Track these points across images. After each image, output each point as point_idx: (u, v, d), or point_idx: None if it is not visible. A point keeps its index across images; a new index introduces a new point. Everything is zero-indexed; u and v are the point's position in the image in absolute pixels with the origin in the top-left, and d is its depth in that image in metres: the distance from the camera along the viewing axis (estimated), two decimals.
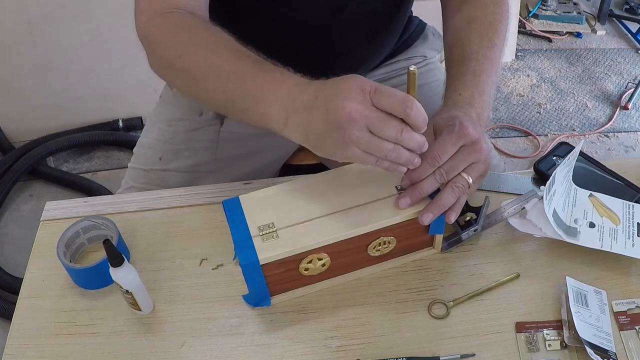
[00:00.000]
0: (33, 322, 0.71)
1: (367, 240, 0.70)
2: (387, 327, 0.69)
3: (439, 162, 0.67)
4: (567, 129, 2.15)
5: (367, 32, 0.95)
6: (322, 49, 0.94)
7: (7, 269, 1.67)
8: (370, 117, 0.60)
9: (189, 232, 0.80)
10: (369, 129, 0.61)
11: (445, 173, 0.68)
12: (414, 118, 0.60)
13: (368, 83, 0.61)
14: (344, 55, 0.97)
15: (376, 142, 0.61)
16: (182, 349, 0.68)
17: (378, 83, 0.61)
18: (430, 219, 0.68)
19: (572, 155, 0.76)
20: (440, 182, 0.69)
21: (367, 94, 0.60)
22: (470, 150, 0.69)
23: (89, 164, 2.04)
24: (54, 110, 2.05)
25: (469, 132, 0.68)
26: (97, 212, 0.83)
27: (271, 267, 0.67)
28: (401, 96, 0.60)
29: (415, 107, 0.60)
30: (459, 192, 0.69)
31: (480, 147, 0.69)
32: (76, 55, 1.94)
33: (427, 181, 0.68)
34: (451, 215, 0.70)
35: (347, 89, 0.61)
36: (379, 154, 0.62)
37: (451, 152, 0.68)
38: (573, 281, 0.70)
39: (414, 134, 0.62)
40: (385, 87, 0.61)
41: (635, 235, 0.75)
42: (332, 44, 0.94)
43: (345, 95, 0.60)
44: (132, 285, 0.67)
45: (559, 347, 0.66)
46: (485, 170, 0.71)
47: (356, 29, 0.93)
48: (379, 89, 0.60)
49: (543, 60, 2.45)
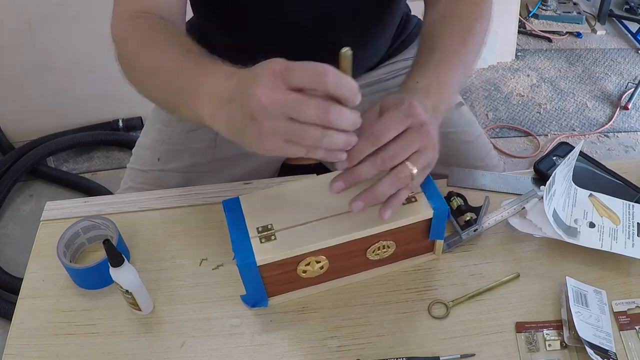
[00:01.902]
0: (33, 322, 0.71)
1: (366, 244, 0.70)
2: (387, 327, 0.69)
3: (381, 140, 0.60)
4: (567, 129, 2.15)
5: (358, 32, 0.94)
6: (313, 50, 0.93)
7: (7, 269, 1.67)
8: (284, 101, 0.53)
9: (189, 232, 0.80)
10: (287, 115, 0.54)
11: (387, 159, 0.60)
12: (335, 87, 0.53)
13: (279, 63, 0.54)
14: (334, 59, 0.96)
15: (297, 128, 0.54)
16: (182, 349, 0.68)
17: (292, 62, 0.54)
18: (360, 207, 0.62)
19: (572, 155, 0.76)
20: (380, 169, 0.61)
21: (278, 76, 0.53)
22: (417, 133, 0.61)
23: (89, 164, 2.04)
24: (54, 110, 2.05)
25: (417, 112, 0.61)
26: (97, 212, 0.83)
27: (269, 269, 0.67)
28: (314, 67, 0.53)
29: (333, 75, 0.52)
30: (400, 183, 0.62)
31: (429, 130, 0.62)
32: (76, 55, 1.94)
33: (365, 165, 0.61)
34: (386, 211, 0.63)
35: (259, 74, 0.54)
36: (306, 142, 0.55)
37: (395, 132, 0.60)
38: (573, 281, 0.70)
39: (344, 111, 0.54)
40: (298, 63, 0.53)
41: (635, 235, 0.75)
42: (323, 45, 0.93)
43: (257, 82, 0.54)
44: (132, 285, 0.67)
45: (559, 347, 0.66)
46: (433, 160, 0.64)
47: (347, 30, 0.92)
48: (290, 66, 0.53)
49: (543, 60, 2.45)
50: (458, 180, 0.85)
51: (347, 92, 0.53)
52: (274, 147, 0.56)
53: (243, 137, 0.58)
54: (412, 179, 0.62)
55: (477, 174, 0.86)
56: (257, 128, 0.55)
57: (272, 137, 0.55)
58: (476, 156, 1.00)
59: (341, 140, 0.56)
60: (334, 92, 0.53)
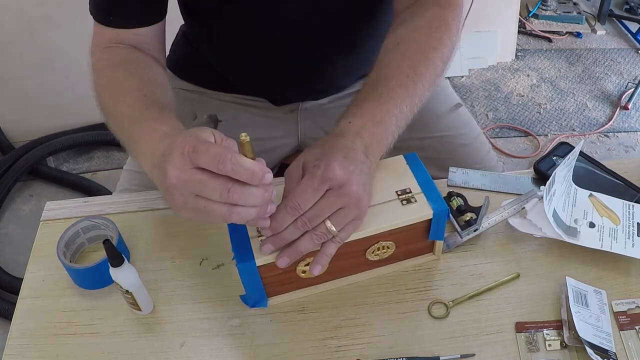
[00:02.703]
0: (33, 322, 0.71)
1: (365, 245, 0.70)
2: (387, 327, 0.69)
3: (299, 211, 0.62)
4: (567, 129, 2.15)
5: (344, 43, 0.92)
6: (295, 66, 0.94)
7: (7, 269, 1.67)
8: (189, 182, 0.56)
9: (189, 232, 0.80)
10: (195, 193, 0.57)
11: (307, 221, 0.62)
12: (233, 173, 0.55)
13: (188, 143, 0.56)
14: (323, 68, 0.96)
15: (205, 205, 0.57)
16: (182, 349, 0.68)
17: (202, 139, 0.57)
18: (287, 263, 0.64)
19: (572, 155, 0.76)
20: (304, 230, 0.63)
21: (186, 155, 0.56)
22: (336, 194, 0.62)
23: (89, 164, 2.04)
24: (54, 110, 2.05)
25: (334, 175, 0.61)
26: (97, 212, 0.83)
27: (268, 269, 0.67)
28: (214, 152, 0.55)
29: (230, 161, 0.54)
30: (319, 239, 0.63)
31: (349, 190, 0.62)
32: (76, 55, 1.94)
33: (289, 231, 0.63)
34: (314, 267, 0.65)
35: (173, 151, 0.57)
36: (215, 219, 0.58)
37: (313, 200, 0.62)
38: (573, 281, 0.70)
39: (248, 191, 0.56)
40: (203, 144, 0.56)
41: (635, 235, 0.75)
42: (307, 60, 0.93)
43: (170, 159, 0.57)
44: (132, 285, 0.67)
45: (559, 347, 0.66)
46: (359, 215, 0.64)
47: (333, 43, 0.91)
48: (196, 148, 0.55)
49: (543, 60, 2.45)
50: (458, 180, 0.85)
51: (246, 177, 0.55)
52: (189, 217, 0.60)
53: (168, 203, 0.61)
54: (335, 236, 0.64)
55: (477, 174, 0.86)
56: (173, 199, 0.59)
57: (185, 209, 0.59)
58: (474, 158, 1.00)
59: (251, 214, 0.58)
60: (233, 176, 0.55)
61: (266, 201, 0.58)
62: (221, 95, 1.02)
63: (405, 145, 0.74)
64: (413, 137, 0.98)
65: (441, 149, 1.00)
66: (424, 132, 1.00)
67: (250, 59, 0.94)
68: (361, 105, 0.71)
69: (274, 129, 1.03)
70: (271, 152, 1.04)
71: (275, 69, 0.94)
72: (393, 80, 0.72)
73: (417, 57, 0.74)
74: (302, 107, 1.03)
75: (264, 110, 1.03)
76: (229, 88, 1.02)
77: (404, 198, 0.69)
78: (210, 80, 1.02)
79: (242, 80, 1.00)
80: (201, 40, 0.99)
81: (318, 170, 0.62)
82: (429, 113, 1.00)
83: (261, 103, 1.03)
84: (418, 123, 0.76)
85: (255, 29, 0.88)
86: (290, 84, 0.98)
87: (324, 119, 1.02)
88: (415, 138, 0.99)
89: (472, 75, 2.38)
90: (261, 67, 0.95)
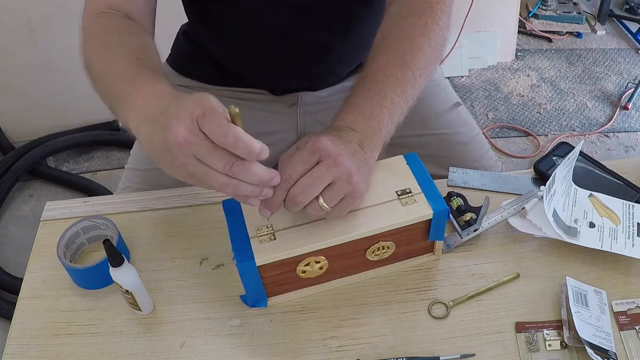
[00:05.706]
0: (33, 322, 0.71)
1: (365, 245, 0.70)
2: (387, 327, 0.69)
3: (291, 182, 0.62)
4: (567, 129, 2.15)
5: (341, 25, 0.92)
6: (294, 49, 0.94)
7: (7, 269, 1.67)
8: (195, 145, 0.56)
9: (189, 232, 0.80)
10: (198, 157, 0.57)
11: (297, 195, 0.61)
12: (233, 147, 0.55)
13: (198, 106, 0.56)
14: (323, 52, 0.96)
15: (206, 171, 0.57)
16: (182, 349, 0.68)
17: (211, 106, 0.56)
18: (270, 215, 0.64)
19: (572, 155, 0.76)
20: (297, 209, 0.63)
21: (194, 119, 0.55)
22: (326, 164, 0.61)
23: (89, 164, 2.04)
24: (54, 110, 2.05)
25: (323, 145, 0.61)
26: (97, 212, 0.83)
27: (268, 269, 0.67)
28: (220, 122, 0.54)
29: (232, 135, 0.54)
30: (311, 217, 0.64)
31: (339, 162, 0.61)
32: (76, 55, 1.93)
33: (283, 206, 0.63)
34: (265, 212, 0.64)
35: (181, 111, 0.57)
36: (212, 185, 0.58)
37: (302, 170, 0.62)
38: (573, 281, 0.70)
39: (251, 168, 0.57)
40: (213, 112, 0.55)
41: (635, 235, 0.75)
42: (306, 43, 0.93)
43: (178, 118, 0.56)
44: (132, 285, 0.67)
45: (559, 347, 0.66)
46: (352, 192, 0.63)
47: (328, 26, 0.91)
48: (206, 114, 0.55)
49: (543, 60, 2.45)
50: (458, 180, 0.85)
51: (246, 153, 0.55)
52: (183, 177, 0.60)
53: (160, 160, 0.61)
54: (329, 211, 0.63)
55: (476, 174, 0.86)
56: (171, 158, 0.58)
57: (182, 170, 0.59)
58: (472, 157, 1.00)
59: (246, 190, 0.59)
60: (233, 151, 0.55)
61: (264, 183, 0.59)
62: (222, 90, 1.03)
63: (404, 142, 0.75)
64: (412, 135, 0.99)
65: (440, 146, 1.01)
66: (423, 130, 1.00)
67: (249, 43, 0.94)
68: (351, 102, 0.71)
69: (274, 123, 1.03)
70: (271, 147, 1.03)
71: (273, 52, 0.94)
72: (380, 73, 0.72)
73: (402, 45, 0.74)
74: (302, 101, 1.03)
75: (264, 104, 1.03)
76: (229, 81, 1.02)
77: (404, 198, 0.69)
78: (211, 75, 1.02)
79: (241, 68, 1.00)
80: (201, 29, 0.98)
81: (308, 144, 0.63)
82: (428, 111, 1.01)
83: (261, 95, 1.03)
84: (417, 121, 0.77)
85: (254, 13, 0.88)
86: (289, 69, 0.98)
87: (323, 113, 1.02)
88: (414, 135, 0.99)
89: (472, 75, 2.38)
90: (259, 51, 0.95)
